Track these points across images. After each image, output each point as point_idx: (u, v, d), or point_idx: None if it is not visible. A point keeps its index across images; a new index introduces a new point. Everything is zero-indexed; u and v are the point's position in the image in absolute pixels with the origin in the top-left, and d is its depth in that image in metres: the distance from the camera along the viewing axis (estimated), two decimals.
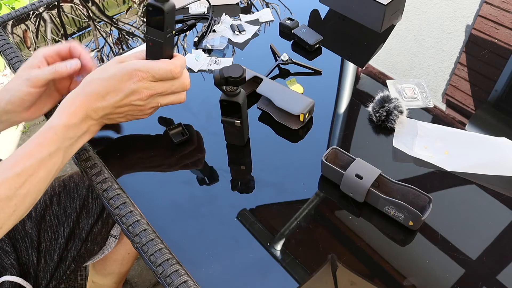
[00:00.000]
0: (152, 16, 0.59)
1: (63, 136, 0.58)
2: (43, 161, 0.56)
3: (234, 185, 0.65)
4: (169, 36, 0.61)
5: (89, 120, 0.60)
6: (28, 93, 0.65)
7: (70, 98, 0.60)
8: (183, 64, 0.64)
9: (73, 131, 0.59)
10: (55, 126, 0.57)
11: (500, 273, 0.54)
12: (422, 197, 0.57)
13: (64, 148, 0.58)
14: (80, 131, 0.60)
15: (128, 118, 0.65)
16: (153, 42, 0.61)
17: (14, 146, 1.94)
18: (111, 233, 0.92)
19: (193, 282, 0.53)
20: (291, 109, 0.69)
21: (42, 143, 0.56)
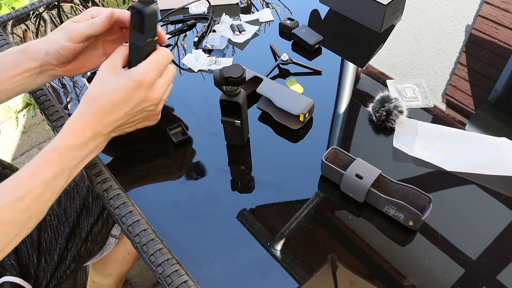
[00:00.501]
0: (134, 18, 0.58)
1: (66, 157, 0.56)
2: (47, 183, 0.54)
3: (234, 185, 0.65)
4: (149, 41, 0.60)
5: (98, 138, 0.59)
6: (64, 46, 0.63)
7: (73, 118, 0.58)
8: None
9: (77, 152, 0.57)
10: (58, 147, 0.55)
11: (500, 273, 0.54)
12: (422, 197, 0.57)
13: (69, 169, 0.57)
14: (87, 150, 0.58)
15: (137, 126, 0.64)
16: (135, 46, 0.60)
17: (14, 146, 1.94)
18: (111, 233, 0.92)
19: (193, 282, 0.53)
20: (291, 109, 0.69)
21: (44, 165, 0.54)
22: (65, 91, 0.82)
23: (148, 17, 0.58)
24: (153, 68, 0.59)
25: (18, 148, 1.93)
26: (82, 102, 0.58)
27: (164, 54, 0.60)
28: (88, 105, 0.58)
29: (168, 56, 0.61)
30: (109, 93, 0.58)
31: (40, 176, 0.54)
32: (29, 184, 0.53)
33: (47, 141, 1.94)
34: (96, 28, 0.62)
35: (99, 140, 0.59)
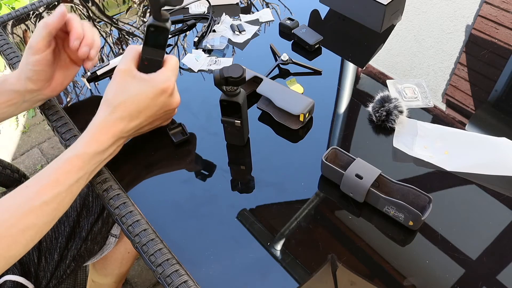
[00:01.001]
0: (154, 35, 0.61)
1: (89, 162, 0.58)
2: (70, 188, 0.56)
3: (234, 185, 0.65)
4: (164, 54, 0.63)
5: (119, 141, 0.61)
6: (35, 62, 0.65)
7: (98, 125, 0.59)
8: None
9: (100, 156, 0.59)
10: (84, 154, 0.57)
11: (500, 273, 0.54)
12: (422, 197, 0.57)
13: (89, 172, 0.59)
14: (107, 154, 0.61)
15: (151, 128, 0.67)
16: (149, 62, 0.62)
17: (14, 146, 1.94)
18: (111, 232, 0.92)
19: (193, 282, 0.53)
20: (291, 109, 0.69)
21: (69, 171, 0.56)
22: (65, 91, 0.82)
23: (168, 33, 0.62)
24: (173, 74, 0.62)
25: (18, 148, 1.93)
26: (105, 108, 0.60)
27: (177, 61, 0.64)
28: (112, 111, 0.59)
29: (178, 62, 0.65)
30: (134, 100, 0.60)
31: (65, 181, 0.56)
32: (54, 189, 0.55)
33: (47, 141, 1.94)
34: (52, 26, 0.64)
35: (119, 143, 0.62)
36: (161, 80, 0.61)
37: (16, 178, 0.97)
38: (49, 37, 0.64)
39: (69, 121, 0.73)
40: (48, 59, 0.66)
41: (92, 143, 0.58)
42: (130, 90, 0.60)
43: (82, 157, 0.57)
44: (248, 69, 0.76)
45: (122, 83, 0.60)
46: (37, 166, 1.85)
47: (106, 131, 0.59)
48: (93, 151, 0.58)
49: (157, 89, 0.60)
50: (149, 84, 0.60)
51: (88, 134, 0.59)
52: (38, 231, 0.55)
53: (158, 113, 0.64)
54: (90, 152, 0.57)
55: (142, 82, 0.60)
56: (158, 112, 0.63)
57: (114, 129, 0.59)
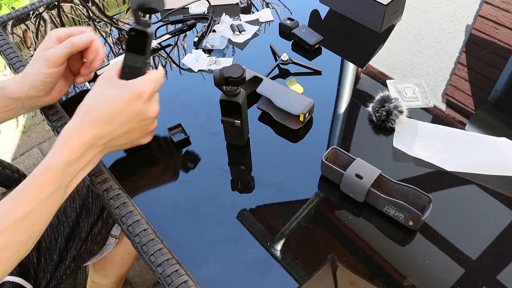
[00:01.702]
0: (134, 40, 0.60)
1: (63, 173, 0.54)
2: (44, 202, 0.53)
3: (234, 185, 0.65)
4: (147, 62, 0.61)
5: (93, 150, 0.57)
6: (49, 74, 0.65)
7: (68, 131, 0.56)
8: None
9: (74, 166, 0.55)
10: (55, 164, 0.54)
11: (500, 273, 0.54)
12: (422, 197, 0.57)
13: (65, 185, 0.55)
14: (82, 164, 0.56)
15: (132, 143, 0.63)
16: (130, 69, 0.60)
17: (14, 146, 1.94)
18: (111, 233, 0.92)
19: (193, 282, 0.53)
20: (291, 109, 0.69)
21: (42, 184, 0.53)
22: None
23: (149, 39, 0.60)
24: (152, 82, 0.59)
25: (18, 148, 1.93)
26: (78, 113, 0.57)
27: (160, 74, 0.62)
28: (84, 116, 0.56)
29: (162, 78, 0.62)
30: (107, 103, 0.57)
31: (38, 196, 0.52)
32: (27, 205, 0.51)
33: (47, 141, 1.94)
34: (78, 47, 0.65)
35: (94, 152, 0.57)
36: (137, 85, 0.58)
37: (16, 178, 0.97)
38: (70, 54, 0.66)
39: None
40: (61, 73, 0.67)
41: (62, 152, 0.54)
42: (105, 94, 0.58)
43: (54, 168, 0.53)
44: (248, 69, 0.76)
45: (99, 89, 0.59)
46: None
47: (77, 138, 0.55)
48: (65, 161, 0.54)
49: (132, 92, 0.57)
50: (125, 88, 0.58)
51: (59, 142, 0.55)
52: (14, 251, 0.51)
53: (134, 122, 0.59)
54: (61, 162, 0.54)
55: (119, 87, 0.58)
56: (134, 119, 0.59)
57: (85, 135, 0.55)
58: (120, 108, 0.57)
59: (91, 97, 0.58)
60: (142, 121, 0.60)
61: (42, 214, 0.53)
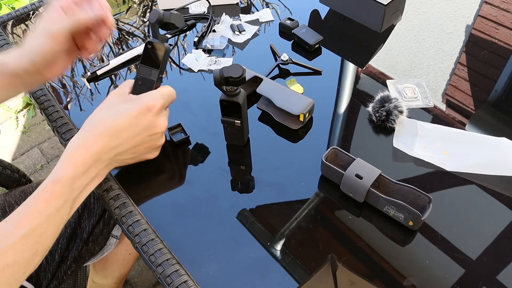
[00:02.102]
0: (150, 53, 0.61)
1: (70, 188, 0.53)
2: (50, 217, 0.51)
3: (234, 185, 0.65)
4: (160, 76, 0.62)
5: (100, 164, 0.55)
6: (51, 51, 0.60)
7: (75, 144, 0.54)
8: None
9: (80, 181, 0.54)
10: (61, 178, 0.52)
11: (500, 273, 0.54)
12: (422, 197, 0.57)
13: (71, 200, 0.54)
14: (88, 178, 0.55)
15: (139, 158, 0.62)
16: (143, 81, 0.61)
17: (14, 146, 1.94)
18: (112, 233, 0.92)
19: (193, 282, 0.53)
20: (291, 109, 0.69)
21: (48, 199, 0.51)
22: (65, 91, 0.82)
23: (166, 53, 0.61)
24: (162, 97, 0.59)
25: (18, 148, 1.93)
26: (85, 126, 0.56)
27: (171, 90, 0.61)
28: (91, 129, 0.55)
29: (173, 94, 0.61)
30: (116, 117, 0.56)
31: (43, 211, 0.51)
32: (32, 220, 0.50)
33: (47, 141, 1.94)
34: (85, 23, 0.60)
35: (100, 166, 0.56)
36: (147, 99, 0.58)
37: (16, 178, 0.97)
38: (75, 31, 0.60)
39: (69, 121, 0.73)
40: (64, 50, 0.62)
41: (68, 166, 0.53)
42: (114, 108, 0.57)
43: (60, 182, 0.52)
44: (248, 69, 0.76)
45: (109, 103, 0.58)
46: (37, 166, 1.85)
47: (84, 151, 0.54)
48: (71, 175, 0.52)
49: (141, 106, 0.57)
50: (134, 102, 0.57)
51: (65, 156, 0.54)
52: (19, 268, 0.50)
53: (142, 136, 0.58)
54: (67, 176, 0.52)
55: (128, 101, 0.58)
56: (142, 134, 0.58)
57: (92, 148, 0.54)
58: (129, 121, 0.56)
59: (100, 110, 0.57)
60: (150, 136, 0.59)
61: (48, 229, 0.52)
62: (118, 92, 0.59)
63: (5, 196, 0.85)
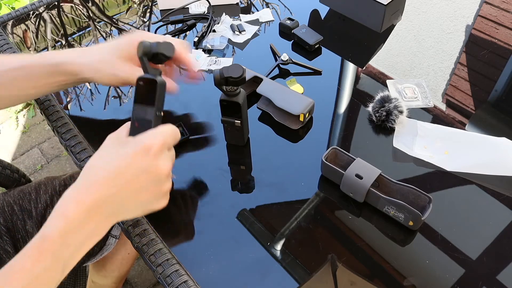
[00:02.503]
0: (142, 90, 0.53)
1: (59, 245, 0.46)
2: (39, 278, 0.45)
3: (234, 185, 0.65)
4: (158, 115, 0.54)
5: (96, 217, 0.48)
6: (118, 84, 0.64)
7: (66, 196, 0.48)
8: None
9: (73, 238, 0.47)
10: (49, 235, 0.46)
11: (500, 273, 0.54)
12: (422, 197, 0.57)
13: (63, 260, 0.47)
14: (83, 235, 0.48)
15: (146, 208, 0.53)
16: (139, 122, 0.53)
17: (14, 146, 1.94)
18: (111, 233, 0.92)
19: (193, 282, 0.53)
20: (291, 109, 0.69)
21: (35, 257, 0.45)
22: (65, 91, 0.82)
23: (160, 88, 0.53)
24: (162, 135, 0.51)
25: (18, 148, 1.93)
26: (80, 176, 0.49)
27: (172, 129, 0.53)
28: (84, 178, 0.49)
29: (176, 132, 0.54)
30: (110, 161, 0.49)
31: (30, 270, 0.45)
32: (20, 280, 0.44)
33: (47, 141, 1.95)
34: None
35: (97, 220, 0.48)
36: (144, 138, 0.50)
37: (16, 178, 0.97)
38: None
39: (69, 121, 0.73)
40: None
41: (58, 221, 0.46)
42: (109, 153, 0.50)
43: (49, 239, 0.45)
44: (248, 69, 0.75)
45: (104, 147, 0.52)
46: (37, 166, 1.85)
47: (75, 204, 0.47)
48: (61, 231, 0.46)
49: (138, 147, 0.49)
50: (130, 143, 0.50)
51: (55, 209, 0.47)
52: None
53: (142, 180, 0.50)
54: (56, 232, 0.45)
55: (124, 143, 0.51)
56: (141, 177, 0.50)
57: (85, 199, 0.47)
58: (125, 165, 0.49)
59: (94, 158, 0.51)
60: (152, 181, 0.51)
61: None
62: (114, 135, 0.53)
63: (3, 195, 0.85)
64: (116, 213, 0.50)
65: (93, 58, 0.64)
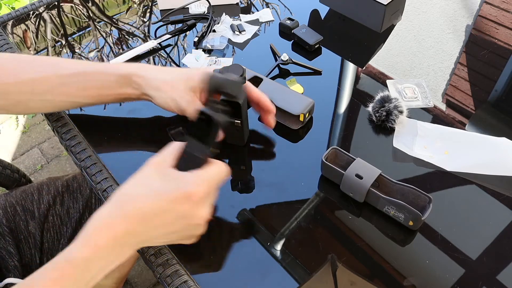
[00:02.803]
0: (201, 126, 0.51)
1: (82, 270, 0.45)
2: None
3: (234, 185, 0.65)
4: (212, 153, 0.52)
5: (123, 248, 0.47)
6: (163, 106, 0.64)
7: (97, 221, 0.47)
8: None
9: (97, 264, 0.46)
10: (75, 259, 0.45)
11: (500, 273, 0.54)
12: (422, 197, 0.57)
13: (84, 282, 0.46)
14: (107, 262, 0.47)
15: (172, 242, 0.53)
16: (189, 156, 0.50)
17: (14, 146, 1.94)
18: None
19: (193, 282, 0.53)
20: (291, 109, 0.69)
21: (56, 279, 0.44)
22: None
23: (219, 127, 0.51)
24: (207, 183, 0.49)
25: (18, 148, 1.93)
26: (114, 201, 0.48)
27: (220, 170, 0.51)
28: (119, 206, 0.47)
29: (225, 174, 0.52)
30: (149, 198, 0.47)
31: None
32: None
33: (47, 141, 1.95)
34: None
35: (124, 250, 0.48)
36: (187, 182, 0.48)
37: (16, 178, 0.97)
38: None
39: (69, 121, 0.73)
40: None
41: (85, 247, 0.45)
42: (150, 187, 0.48)
43: (73, 263, 0.45)
44: (248, 69, 0.75)
45: (145, 176, 0.49)
46: (37, 166, 1.85)
47: (106, 231, 0.46)
48: (87, 257, 0.45)
49: (180, 192, 0.47)
50: (173, 183, 0.48)
51: (84, 234, 0.46)
52: None
53: (177, 225, 0.49)
54: (82, 258, 0.45)
55: (167, 179, 0.48)
56: (177, 223, 0.49)
57: (116, 229, 0.46)
58: (162, 207, 0.47)
59: (134, 184, 0.49)
60: (188, 226, 0.50)
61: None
62: (158, 162, 0.50)
63: (6, 196, 0.85)
64: (143, 244, 0.51)
65: (158, 76, 0.63)
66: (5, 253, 0.78)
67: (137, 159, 0.68)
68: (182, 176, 0.48)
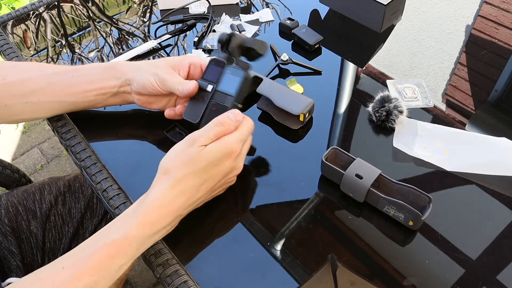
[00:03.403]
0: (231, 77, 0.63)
1: (137, 246, 0.50)
2: (110, 275, 0.48)
3: (234, 185, 0.65)
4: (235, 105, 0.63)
5: (176, 220, 0.54)
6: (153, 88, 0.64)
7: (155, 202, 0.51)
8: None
9: (152, 238, 0.51)
10: (135, 238, 0.49)
11: (500, 273, 0.54)
12: (422, 197, 0.57)
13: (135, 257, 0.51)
14: (160, 235, 0.52)
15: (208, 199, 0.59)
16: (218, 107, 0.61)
17: (14, 146, 1.94)
18: None
19: (193, 282, 0.53)
20: (291, 109, 0.69)
21: (114, 256, 0.48)
22: None
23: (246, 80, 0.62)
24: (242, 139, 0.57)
25: (18, 148, 1.93)
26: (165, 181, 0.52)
27: (251, 125, 0.59)
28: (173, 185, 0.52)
29: (252, 127, 0.60)
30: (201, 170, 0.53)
31: (105, 267, 0.48)
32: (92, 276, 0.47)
33: (47, 141, 1.95)
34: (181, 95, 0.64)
35: (176, 221, 0.54)
36: (228, 143, 0.55)
37: (16, 178, 0.97)
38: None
39: (69, 121, 0.73)
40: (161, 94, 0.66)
41: (146, 226, 0.50)
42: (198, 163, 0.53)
43: (132, 241, 0.49)
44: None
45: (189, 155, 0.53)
46: (37, 166, 1.85)
47: (164, 210, 0.51)
48: (146, 235, 0.50)
49: (222, 151, 0.54)
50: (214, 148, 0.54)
51: (143, 213, 0.50)
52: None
53: (221, 183, 0.57)
54: (142, 235, 0.49)
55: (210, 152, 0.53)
56: (222, 180, 0.57)
57: (172, 206, 0.51)
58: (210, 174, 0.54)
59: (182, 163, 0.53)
60: (226, 178, 0.58)
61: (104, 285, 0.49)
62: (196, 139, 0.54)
63: (7, 196, 0.85)
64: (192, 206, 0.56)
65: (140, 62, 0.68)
66: (7, 252, 0.79)
67: (137, 159, 0.68)
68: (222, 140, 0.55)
